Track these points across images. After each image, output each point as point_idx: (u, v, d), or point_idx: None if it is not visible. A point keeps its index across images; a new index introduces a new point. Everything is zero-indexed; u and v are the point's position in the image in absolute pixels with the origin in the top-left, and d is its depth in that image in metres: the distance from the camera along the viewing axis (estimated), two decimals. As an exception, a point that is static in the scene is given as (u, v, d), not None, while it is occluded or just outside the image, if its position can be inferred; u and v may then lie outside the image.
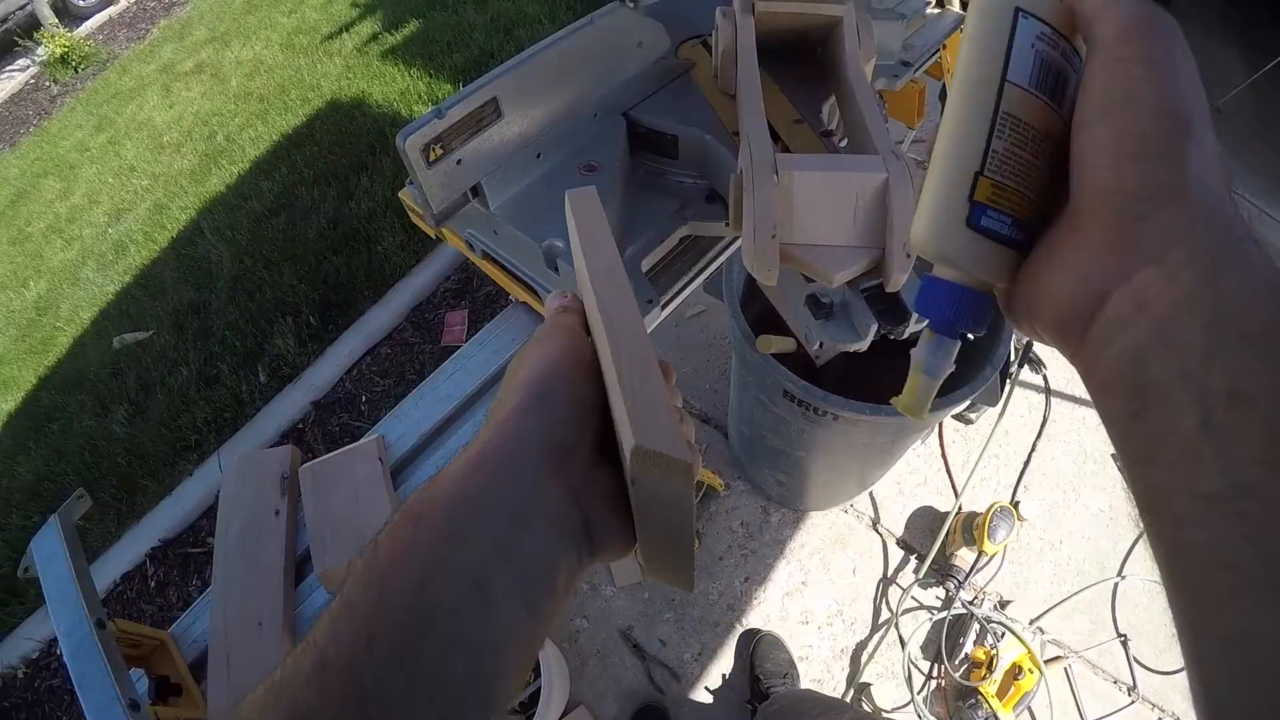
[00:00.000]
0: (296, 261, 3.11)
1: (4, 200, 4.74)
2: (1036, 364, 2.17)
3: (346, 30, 4.42)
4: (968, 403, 1.65)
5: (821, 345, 0.82)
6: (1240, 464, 0.28)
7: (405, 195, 0.99)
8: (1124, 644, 1.96)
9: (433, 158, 0.79)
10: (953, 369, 0.44)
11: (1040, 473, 2.21)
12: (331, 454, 1.18)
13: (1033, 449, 2.20)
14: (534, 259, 0.87)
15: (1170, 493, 0.30)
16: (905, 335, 0.84)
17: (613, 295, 0.44)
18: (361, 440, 1.20)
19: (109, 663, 0.92)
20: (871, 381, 1.46)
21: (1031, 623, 1.99)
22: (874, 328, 0.78)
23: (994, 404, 1.95)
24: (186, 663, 1.07)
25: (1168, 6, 0.34)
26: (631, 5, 0.95)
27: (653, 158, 0.97)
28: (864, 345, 0.80)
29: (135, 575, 2.57)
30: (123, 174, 4.23)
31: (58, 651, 2.57)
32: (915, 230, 0.38)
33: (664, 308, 0.88)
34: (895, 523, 2.16)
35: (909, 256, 0.67)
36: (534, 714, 1.78)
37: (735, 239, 0.95)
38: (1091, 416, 2.27)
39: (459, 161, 0.81)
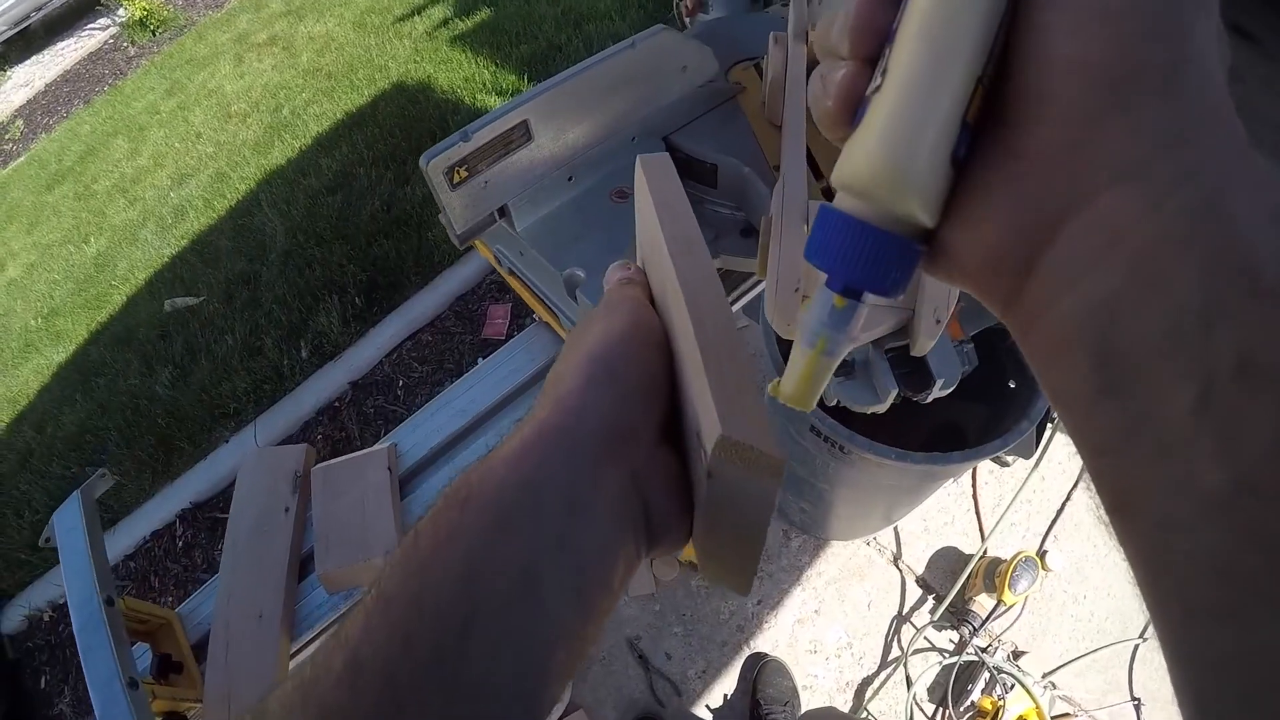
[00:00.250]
0: (348, 241, 3.15)
1: (74, 156, 4.86)
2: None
3: (418, 13, 4.45)
4: (1009, 454, 1.62)
5: (838, 403, 0.81)
6: (1246, 455, 0.21)
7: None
8: (1137, 708, 1.90)
9: (457, 179, 0.79)
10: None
11: (1073, 523, 2.15)
12: (344, 458, 1.20)
13: (1067, 498, 2.15)
14: (557, 283, 0.86)
15: (1150, 491, 0.23)
16: (929, 400, 0.83)
17: (692, 266, 0.39)
18: (374, 447, 1.22)
19: (113, 639, 0.95)
20: (903, 420, 1.44)
21: (1044, 676, 1.94)
22: (894, 392, 0.77)
23: (1028, 456, 1.91)
24: (190, 643, 1.09)
25: None
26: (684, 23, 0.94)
27: (691, 185, 0.95)
28: (882, 409, 0.78)
29: (165, 534, 2.64)
30: (189, 139, 4.32)
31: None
32: (872, 159, 0.25)
33: None
34: (917, 560, 2.12)
35: (938, 323, 0.65)
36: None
37: None
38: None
39: (485, 183, 0.81)
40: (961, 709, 1.88)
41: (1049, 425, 1.87)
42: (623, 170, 0.93)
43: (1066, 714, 1.90)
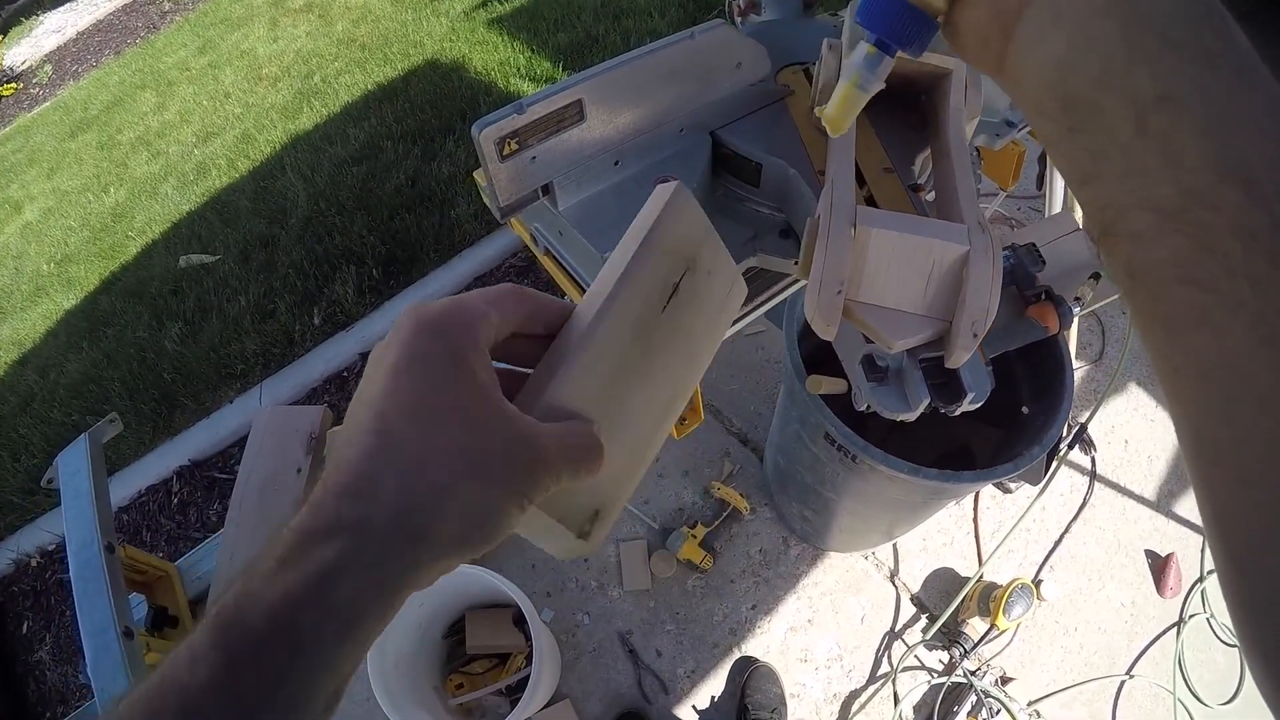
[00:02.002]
0: (369, 212, 3.14)
1: (100, 105, 4.86)
2: (1088, 445, 2.12)
3: (458, -8, 4.45)
4: (1009, 478, 1.62)
5: (869, 407, 0.80)
6: (1186, 169, 0.26)
7: (479, 177, 0.99)
8: (1121, 744, 1.90)
9: (506, 151, 0.78)
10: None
11: (1069, 555, 2.15)
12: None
13: (1066, 530, 2.15)
14: (595, 266, 0.85)
15: (1123, 209, 0.29)
16: (957, 414, 0.82)
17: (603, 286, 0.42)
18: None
19: (111, 587, 0.94)
20: (915, 437, 1.44)
21: (1030, 704, 1.94)
22: (926, 402, 0.76)
23: (1036, 483, 1.91)
24: (188, 598, 1.08)
25: None
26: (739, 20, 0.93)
27: (733, 182, 0.95)
28: (912, 417, 0.78)
29: (160, 489, 2.63)
30: (217, 98, 4.31)
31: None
32: None
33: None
34: (913, 578, 2.12)
35: (975, 336, 0.64)
36: (520, 699, 1.79)
37: (801, 280, 0.93)
38: (1132, 509, 2.21)
39: (533, 158, 0.80)
40: (947, 730, 1.88)
41: (1056, 455, 1.87)
42: (668, 160, 0.92)
43: (1050, 744, 1.90)
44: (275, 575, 0.30)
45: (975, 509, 2.22)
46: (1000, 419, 1.65)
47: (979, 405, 0.79)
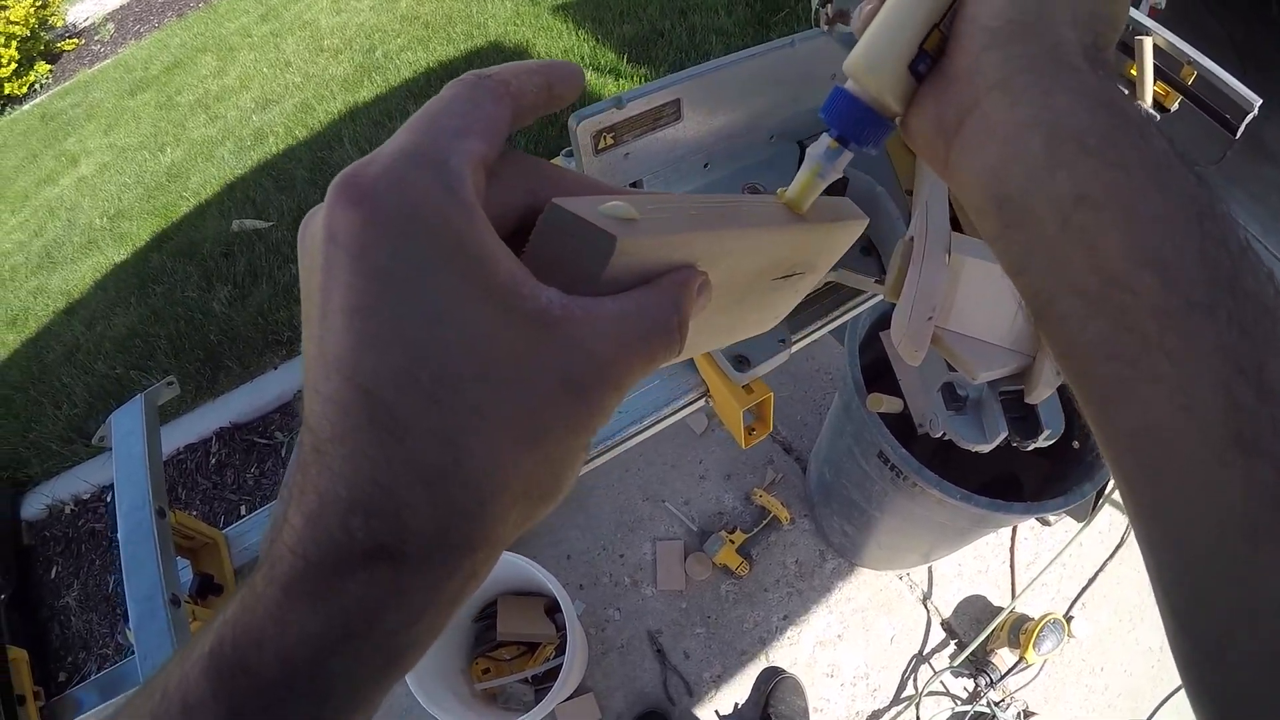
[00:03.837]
0: (424, 192, 3.14)
1: (161, 66, 4.91)
2: (1129, 485, 2.10)
3: (525, -25, 4.45)
4: (1057, 512, 1.61)
5: (945, 435, 0.80)
6: (1105, 259, 0.29)
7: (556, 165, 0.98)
8: (1141, 789, 1.89)
9: (601, 145, 0.78)
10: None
11: (1102, 594, 2.13)
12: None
13: (1101, 568, 2.13)
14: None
15: (1052, 295, 0.32)
16: (1029, 449, 0.82)
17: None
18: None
19: (160, 553, 0.92)
20: (960, 462, 1.43)
21: (1054, 741, 1.93)
22: (1003, 435, 0.76)
23: (1081, 519, 1.89)
24: (234, 567, 1.08)
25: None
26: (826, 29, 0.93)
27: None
28: (986, 448, 0.77)
29: (199, 448, 2.66)
30: (278, 67, 4.34)
31: (107, 499, 2.67)
32: (858, 59, 0.39)
33: (791, 347, 0.87)
34: (945, 603, 2.11)
35: (1058, 375, 0.65)
36: (545, 689, 1.79)
37: (874, 294, 0.92)
38: (1169, 551, 2.19)
39: (626, 154, 0.80)
40: (969, 759, 1.87)
41: (1103, 493, 1.85)
42: (756, 166, 0.92)
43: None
44: (285, 611, 0.24)
45: (1013, 539, 2.21)
46: (1049, 450, 1.64)
47: (1052, 443, 0.79)
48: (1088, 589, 2.11)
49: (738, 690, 1.99)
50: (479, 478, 0.24)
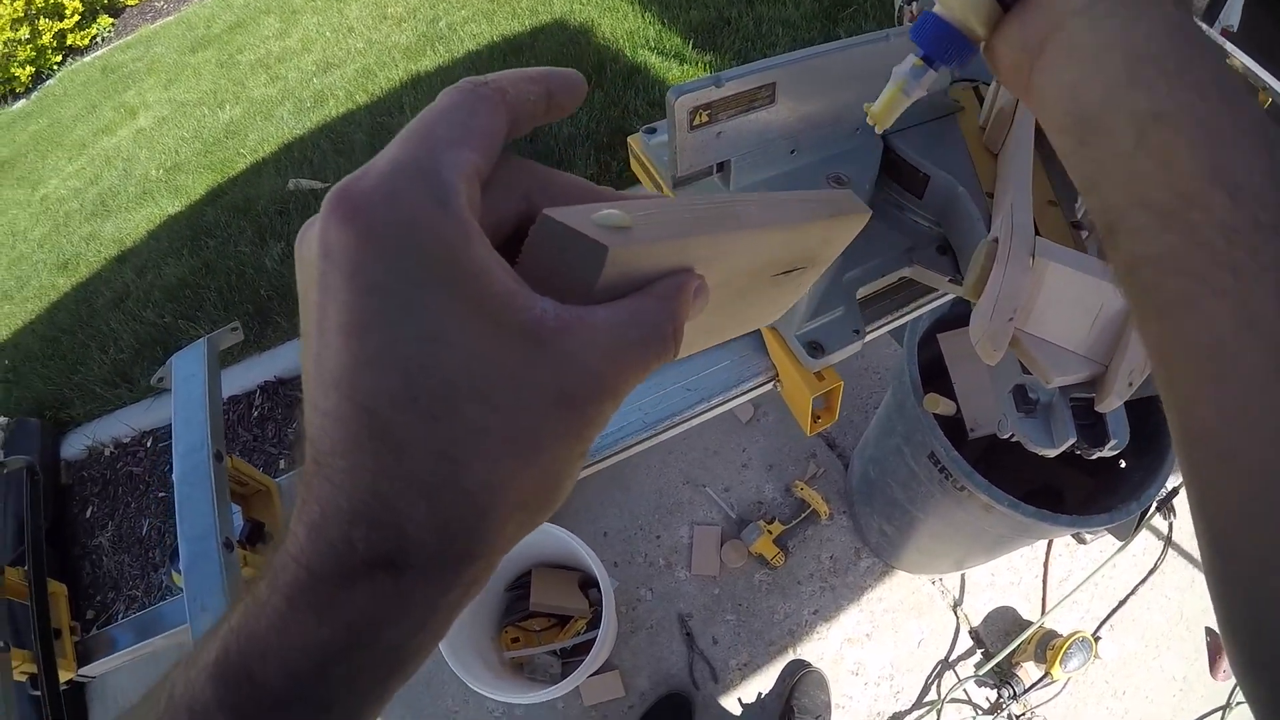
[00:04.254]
0: (484, 163, 3.15)
1: (223, 25, 4.96)
2: (1168, 512, 2.09)
3: (593, -45, 4.44)
4: (1101, 530, 1.61)
5: (1012, 437, 0.81)
6: (1179, 176, 0.31)
7: (635, 141, 0.98)
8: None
9: (696, 122, 0.79)
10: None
11: (1131, 618, 2.12)
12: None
13: (1133, 591, 2.12)
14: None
15: (1124, 210, 0.33)
16: (1094, 457, 0.82)
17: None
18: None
19: (216, 496, 0.93)
20: (1004, 470, 1.43)
21: (1072, 760, 1.93)
22: (1072, 441, 0.77)
23: (1123, 538, 1.89)
24: (284, 517, 1.08)
25: None
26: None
27: (897, 189, 0.95)
28: (1053, 453, 0.78)
29: (242, 400, 2.69)
30: (341, 31, 4.37)
31: (147, 444, 2.71)
32: None
33: (865, 337, 0.87)
34: (975, 612, 2.11)
35: (1130, 385, 0.66)
36: (574, 663, 1.81)
37: (945, 293, 0.93)
38: (1200, 583, 2.17)
39: (719, 134, 0.81)
40: (988, 768, 1.87)
41: (1145, 516, 1.85)
42: (842, 156, 0.92)
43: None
44: (289, 621, 0.25)
45: (1047, 554, 2.20)
46: (1095, 467, 1.64)
47: (1117, 453, 0.80)
48: (1118, 610, 2.10)
49: (762, 680, 2.00)
50: (478, 491, 0.25)
